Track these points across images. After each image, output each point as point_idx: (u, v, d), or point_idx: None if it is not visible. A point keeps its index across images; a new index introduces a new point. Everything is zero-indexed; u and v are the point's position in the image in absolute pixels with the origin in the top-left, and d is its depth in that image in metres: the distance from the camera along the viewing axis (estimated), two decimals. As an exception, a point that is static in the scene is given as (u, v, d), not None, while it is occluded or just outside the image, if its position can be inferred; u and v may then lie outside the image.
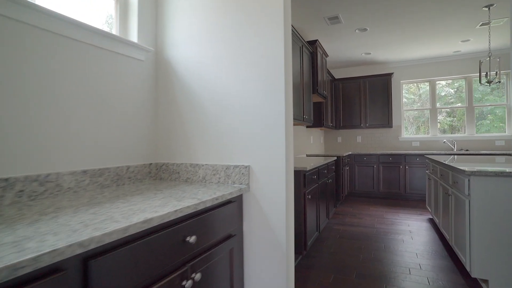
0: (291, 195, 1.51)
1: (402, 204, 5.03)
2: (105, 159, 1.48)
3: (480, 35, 4.47)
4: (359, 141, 6.22)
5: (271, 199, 1.44)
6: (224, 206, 1.30)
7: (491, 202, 2.09)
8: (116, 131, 1.56)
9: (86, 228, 0.76)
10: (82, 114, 1.37)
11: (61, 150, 1.27)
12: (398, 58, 5.62)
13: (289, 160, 1.48)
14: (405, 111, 6.00)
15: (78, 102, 1.35)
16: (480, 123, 5.49)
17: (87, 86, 1.40)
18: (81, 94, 1.37)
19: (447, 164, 2.69)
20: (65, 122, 1.29)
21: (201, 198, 1.17)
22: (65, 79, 1.30)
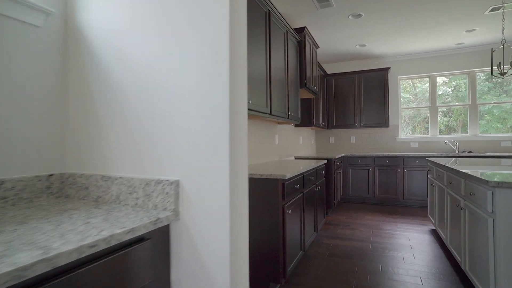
0: (245, 222, 0.99)
1: (400, 211, 4.54)
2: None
3: (488, 23, 4.00)
4: (353, 141, 5.73)
5: (211, 231, 0.92)
6: (133, 247, 0.78)
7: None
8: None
9: None
10: None
11: None
12: (395, 51, 5.14)
13: (239, 172, 0.96)
14: (403, 109, 5.53)
15: None
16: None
17: None
18: None
19: (460, 171, 2.19)
20: None
21: (82, 238, 0.64)
22: None
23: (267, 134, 3.45)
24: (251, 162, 2.97)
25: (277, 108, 2.83)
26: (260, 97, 2.39)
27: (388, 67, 5.12)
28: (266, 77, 2.54)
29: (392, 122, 5.47)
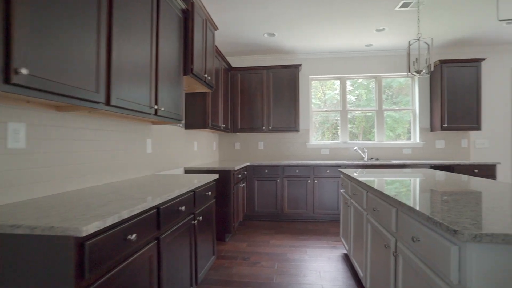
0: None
1: (311, 229, 3.92)
2: None
3: (398, 22, 3.70)
4: (261, 147, 4.98)
5: None
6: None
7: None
8: None
9: None
10: None
11: None
12: (306, 47, 4.59)
13: None
14: (314, 112, 5.05)
15: None
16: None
17: None
18: None
19: (393, 198, 1.47)
20: None
21: None
22: None
23: (130, 138, 2.28)
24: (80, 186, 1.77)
25: (134, 98, 1.72)
26: (85, 79, 1.25)
27: (299, 64, 4.53)
28: (103, 55, 1.41)
29: (303, 127, 4.92)
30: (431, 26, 3.83)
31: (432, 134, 4.74)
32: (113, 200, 1.36)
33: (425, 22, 3.71)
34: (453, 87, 4.34)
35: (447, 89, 4.34)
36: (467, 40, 4.35)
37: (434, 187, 1.78)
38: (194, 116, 3.51)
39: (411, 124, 4.88)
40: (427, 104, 4.74)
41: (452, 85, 4.34)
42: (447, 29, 3.92)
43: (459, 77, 4.33)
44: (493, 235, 0.88)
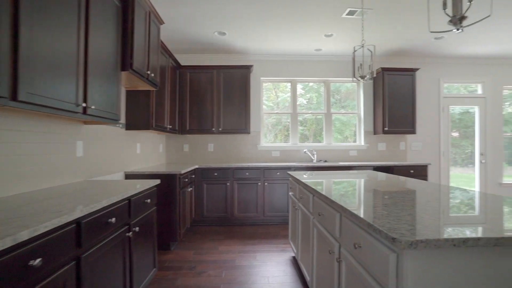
0: None
1: (261, 233, 3.87)
2: None
3: (345, 28, 3.84)
4: (211, 150, 4.82)
5: None
6: None
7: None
8: None
9: None
10: None
11: None
12: (258, 48, 4.56)
13: None
14: (265, 114, 5.04)
15: None
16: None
17: None
18: None
19: (337, 203, 1.45)
20: None
21: None
22: None
23: (53, 139, 1.98)
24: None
25: (55, 94, 1.47)
26: None
27: (251, 65, 4.48)
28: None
29: (254, 128, 4.87)
30: (375, 35, 4.05)
31: (375, 137, 5.03)
32: (23, 215, 1.13)
33: (369, 31, 3.91)
34: (393, 94, 4.66)
35: (388, 95, 4.65)
36: (405, 51, 4.71)
37: (376, 190, 1.82)
38: (137, 116, 3.24)
39: (357, 127, 5.14)
40: (370, 109, 5.03)
41: (392, 91, 4.66)
42: (388, 39, 4.19)
43: (398, 85, 4.67)
44: (427, 241, 0.88)
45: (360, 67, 2.74)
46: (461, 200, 1.49)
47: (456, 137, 5.40)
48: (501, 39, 4.25)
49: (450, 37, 4.18)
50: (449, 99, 5.20)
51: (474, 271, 0.95)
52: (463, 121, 5.41)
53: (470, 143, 5.36)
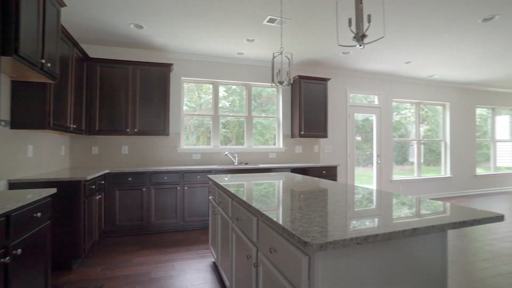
0: None
1: (181, 239, 3.69)
2: None
3: (266, 35, 3.96)
4: (125, 152, 4.39)
5: None
6: None
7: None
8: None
9: None
10: None
11: None
12: (179, 46, 4.36)
13: None
14: (186, 116, 4.85)
15: None
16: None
17: None
18: None
19: (254, 207, 1.44)
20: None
21: None
22: None
23: None
24: None
25: None
26: None
27: (171, 63, 4.25)
28: None
29: (173, 130, 4.64)
30: (293, 44, 4.31)
31: (292, 140, 5.36)
32: None
33: (288, 40, 4.13)
34: (308, 100, 5.03)
35: (304, 101, 5.01)
36: (319, 61, 5.15)
37: (292, 193, 1.90)
38: (28, 113, 2.71)
39: (276, 130, 5.38)
40: (288, 113, 5.33)
41: (308, 98, 5.03)
42: (305, 49, 4.51)
43: (313, 92, 5.07)
44: (335, 242, 0.92)
45: (278, 73, 2.85)
46: (363, 199, 1.66)
47: (359, 141, 6.16)
48: (391, 61, 5.03)
49: (355, 54, 4.74)
50: (354, 107, 5.90)
51: (375, 262, 1.05)
52: (365, 127, 6.21)
53: (369, 146, 6.18)
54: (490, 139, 7.73)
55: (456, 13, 3.32)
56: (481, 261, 2.96)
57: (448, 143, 6.91)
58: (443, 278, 1.21)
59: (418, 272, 1.16)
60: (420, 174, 6.61)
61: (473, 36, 4.00)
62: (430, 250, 1.19)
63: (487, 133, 7.77)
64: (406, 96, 6.44)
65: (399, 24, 3.61)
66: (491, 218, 1.24)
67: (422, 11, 3.27)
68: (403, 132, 6.75)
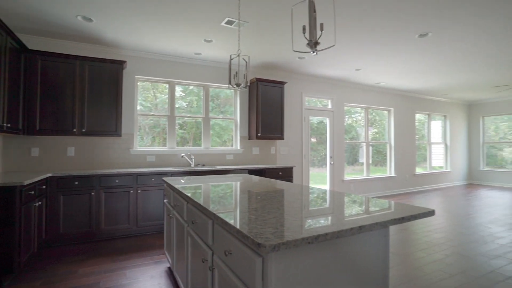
0: None
1: (134, 245, 3.51)
2: None
3: (223, 36, 3.96)
4: (71, 154, 4.06)
5: None
6: None
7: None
8: None
9: None
10: None
11: None
12: (133, 43, 4.16)
13: None
14: (140, 116, 4.64)
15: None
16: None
17: None
18: None
19: (209, 210, 1.44)
20: None
21: None
22: None
23: None
24: None
25: None
26: None
27: (124, 61, 4.04)
28: None
29: (126, 130, 4.40)
30: (251, 47, 4.36)
31: (250, 142, 5.41)
32: None
33: (246, 42, 4.17)
34: (265, 102, 5.13)
35: (261, 104, 5.09)
36: (276, 65, 5.28)
37: (248, 195, 1.92)
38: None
39: (233, 132, 5.39)
40: (246, 115, 5.38)
41: (265, 100, 5.13)
42: (262, 52, 4.59)
43: (270, 95, 5.18)
44: (287, 242, 0.96)
45: (236, 75, 2.87)
46: (317, 199, 1.74)
47: (314, 143, 6.43)
48: (343, 67, 5.35)
49: (310, 59, 4.95)
50: (309, 110, 6.15)
51: (326, 259, 1.11)
52: (319, 129, 6.51)
53: (324, 148, 6.48)
54: (426, 142, 8.59)
55: (397, 28, 3.64)
56: (419, 251, 3.27)
57: (392, 145, 7.53)
58: (385, 268, 1.33)
59: (365, 264, 1.25)
60: (369, 174, 7.10)
61: (412, 49, 4.42)
62: (375, 244, 1.29)
63: (424, 136, 8.62)
64: (356, 101, 6.88)
65: (349, 34, 3.85)
66: (425, 213, 1.38)
67: (368, 24, 3.53)
68: (354, 134, 7.20)
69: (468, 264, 2.92)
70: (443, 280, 2.58)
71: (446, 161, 8.96)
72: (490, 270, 2.78)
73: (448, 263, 2.95)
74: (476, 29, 3.66)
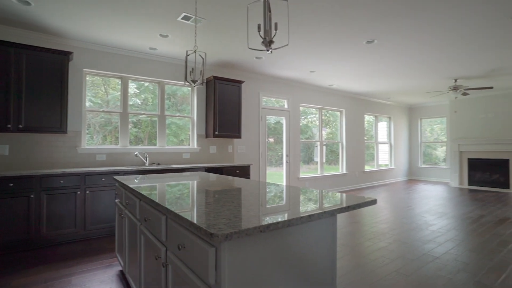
0: None
1: (81, 250, 3.28)
2: None
3: (180, 32, 3.87)
4: (4, 153, 3.65)
5: None
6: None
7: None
8: None
9: None
10: None
11: None
12: (81, 33, 3.87)
13: None
14: (89, 112, 4.34)
15: None
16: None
17: None
18: None
19: (162, 205, 1.41)
20: None
21: None
22: None
23: None
24: None
25: None
26: None
27: (70, 52, 3.74)
28: None
29: (73, 127, 4.09)
30: (208, 44, 4.32)
31: (207, 141, 5.36)
32: None
33: (203, 40, 4.13)
34: (223, 101, 5.12)
35: (219, 102, 5.07)
36: (234, 64, 5.30)
37: (202, 190, 1.92)
38: None
39: (190, 130, 5.30)
40: (203, 113, 5.32)
41: (222, 99, 5.12)
42: (220, 50, 4.57)
43: (228, 93, 5.18)
44: (239, 231, 0.99)
45: (192, 72, 2.83)
46: (270, 192, 1.80)
47: (272, 143, 6.58)
48: (299, 69, 5.56)
49: (267, 59, 5.06)
50: (266, 110, 6.27)
51: (278, 248, 1.16)
52: (277, 129, 6.67)
53: (281, 147, 6.66)
54: (374, 141, 9.27)
55: (347, 34, 3.89)
56: (366, 241, 3.53)
57: (344, 144, 8.00)
58: (333, 254, 1.42)
59: (315, 251, 1.33)
60: (322, 172, 7.45)
61: (360, 54, 4.75)
62: (323, 232, 1.38)
63: (372, 136, 9.30)
64: (311, 102, 7.19)
65: (304, 37, 4.02)
66: (367, 202, 1.51)
67: (320, 28, 3.72)
68: (310, 134, 7.51)
69: (406, 249, 3.23)
70: (386, 265, 2.82)
71: (391, 159, 9.76)
72: (423, 253, 3.11)
73: (390, 249, 3.23)
74: (411, 40, 4.06)
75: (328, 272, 1.39)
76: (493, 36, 3.98)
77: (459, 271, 2.69)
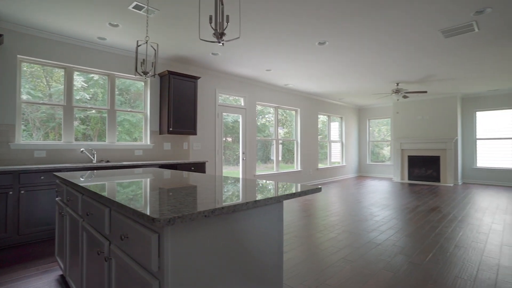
0: None
1: (14, 257, 2.96)
2: None
3: (131, 22, 3.68)
4: None
5: None
6: None
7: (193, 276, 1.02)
8: None
9: None
10: None
11: None
12: (14, 15, 3.49)
13: None
14: (26, 104, 3.93)
15: None
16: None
17: None
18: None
19: (106, 197, 1.33)
20: None
21: None
22: None
23: None
24: None
25: None
26: None
27: (1, 34, 3.36)
28: None
29: (4, 121, 3.68)
30: (162, 37, 4.18)
31: (161, 137, 5.18)
32: None
33: (156, 32, 3.98)
34: (178, 97, 4.99)
35: (173, 98, 4.93)
36: (189, 59, 5.19)
37: (151, 181, 1.86)
38: None
39: (143, 126, 5.08)
40: (157, 109, 5.13)
41: (178, 95, 4.99)
42: (175, 44, 4.45)
43: (183, 89, 5.06)
44: (183, 216, 0.98)
45: (143, 63, 2.72)
46: (219, 182, 1.80)
47: (230, 142, 6.57)
48: (255, 67, 5.63)
49: (223, 56, 5.04)
50: (222, 107, 6.25)
51: (224, 234, 1.16)
52: (235, 128, 6.68)
53: (239, 147, 6.68)
54: (327, 140, 9.74)
55: (300, 33, 4.04)
56: (317, 233, 3.70)
57: (299, 142, 8.28)
58: (280, 240, 1.47)
59: (262, 237, 1.36)
60: (278, 169, 7.63)
61: (313, 55, 4.96)
62: (270, 218, 1.42)
63: (326, 135, 9.76)
64: (268, 100, 7.32)
65: (258, 34, 4.08)
66: (313, 189, 1.58)
67: (274, 26, 3.81)
68: (268, 133, 7.64)
69: (353, 238, 3.46)
70: (334, 253, 2.99)
71: (342, 157, 10.34)
72: (367, 241, 3.36)
73: (339, 239, 3.42)
74: (360, 43, 4.35)
75: (276, 258, 1.43)
76: (425, 46, 4.43)
77: (396, 254, 2.95)
